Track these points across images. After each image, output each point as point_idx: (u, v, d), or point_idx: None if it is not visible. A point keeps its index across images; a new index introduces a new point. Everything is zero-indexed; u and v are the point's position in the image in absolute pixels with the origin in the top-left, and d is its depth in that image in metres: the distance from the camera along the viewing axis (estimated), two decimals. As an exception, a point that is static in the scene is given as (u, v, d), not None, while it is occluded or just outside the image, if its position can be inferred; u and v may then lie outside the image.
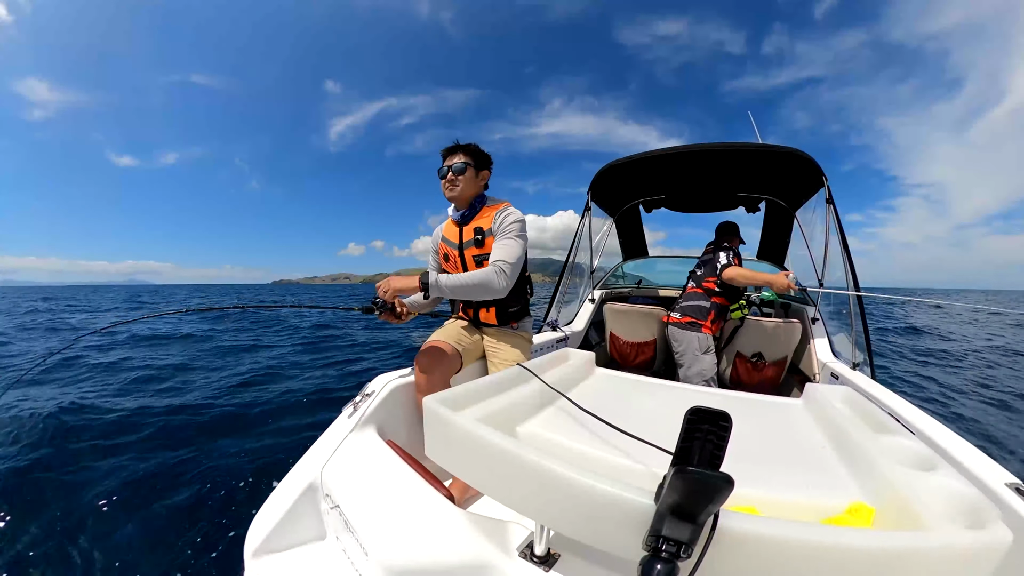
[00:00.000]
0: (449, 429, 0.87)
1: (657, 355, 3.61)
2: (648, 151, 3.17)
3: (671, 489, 0.55)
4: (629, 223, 4.57)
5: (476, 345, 2.10)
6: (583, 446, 0.97)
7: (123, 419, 3.94)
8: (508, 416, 1.07)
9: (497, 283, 1.74)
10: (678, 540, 0.56)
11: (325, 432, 1.49)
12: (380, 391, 1.68)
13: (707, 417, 0.56)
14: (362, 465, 1.31)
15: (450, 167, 1.91)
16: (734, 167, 3.26)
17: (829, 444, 1.06)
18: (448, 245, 2.04)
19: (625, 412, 1.26)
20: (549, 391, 1.23)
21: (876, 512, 0.75)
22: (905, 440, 0.95)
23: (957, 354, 9.33)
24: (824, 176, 2.88)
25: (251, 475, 2.92)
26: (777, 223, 3.99)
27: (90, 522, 2.41)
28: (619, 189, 3.94)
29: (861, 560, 0.56)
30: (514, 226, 1.86)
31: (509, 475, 0.75)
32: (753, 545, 0.58)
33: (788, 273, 2.57)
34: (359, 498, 1.16)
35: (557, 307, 3.57)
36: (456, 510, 1.06)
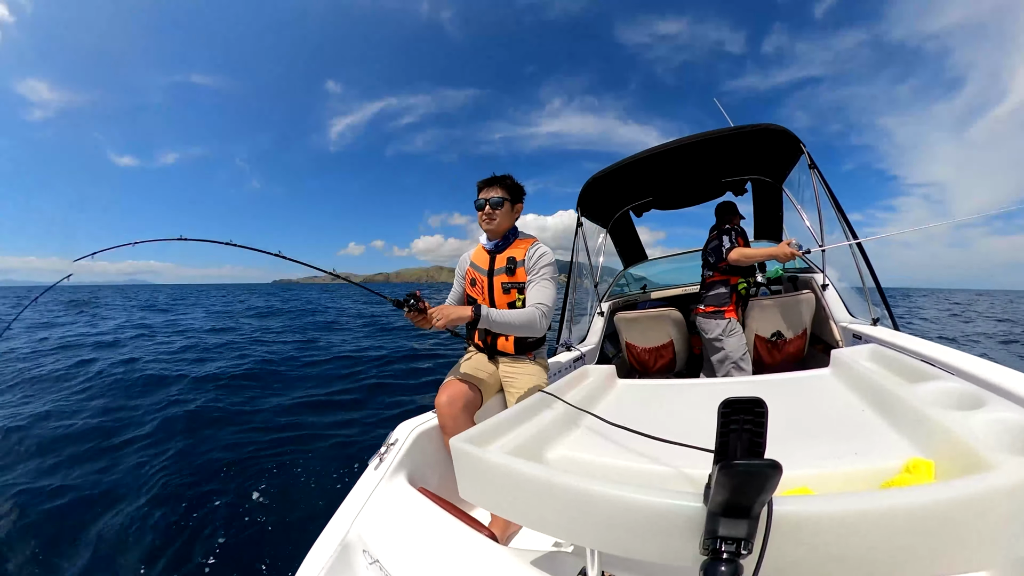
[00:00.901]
0: (480, 467, 0.85)
1: (677, 356, 3.56)
2: (629, 157, 3.22)
3: (719, 487, 0.53)
4: (623, 230, 4.60)
5: (494, 377, 2.09)
6: (619, 461, 0.94)
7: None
8: (537, 444, 1.04)
9: (539, 325, 1.86)
10: (736, 537, 0.54)
11: (355, 487, 1.47)
12: (404, 438, 1.66)
13: (741, 407, 0.55)
14: (397, 516, 1.28)
15: (487, 200, 2.00)
16: (714, 155, 3.31)
17: (868, 406, 1.02)
18: (476, 271, 2.11)
19: (656, 419, 1.23)
20: (575, 412, 1.20)
21: (936, 464, 0.72)
22: (945, 383, 0.92)
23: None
24: (802, 144, 2.92)
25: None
26: (767, 200, 4.01)
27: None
28: (607, 199, 3.99)
29: (933, 516, 0.53)
30: (548, 269, 1.98)
31: (548, 503, 0.73)
32: (814, 526, 0.55)
33: (789, 241, 2.59)
34: (398, 550, 1.13)
35: (568, 327, 3.55)
36: (500, 548, 1.03)
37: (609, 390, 1.58)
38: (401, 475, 1.51)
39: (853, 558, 0.54)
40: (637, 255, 4.87)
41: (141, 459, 3.82)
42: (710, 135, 2.93)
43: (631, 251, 4.82)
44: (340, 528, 1.28)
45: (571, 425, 1.19)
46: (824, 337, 3.16)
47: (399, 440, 1.66)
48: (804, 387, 1.30)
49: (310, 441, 4.25)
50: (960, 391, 0.87)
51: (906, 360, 1.12)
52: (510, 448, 0.96)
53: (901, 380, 1.04)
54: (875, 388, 1.04)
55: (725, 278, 3.01)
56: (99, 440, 4.23)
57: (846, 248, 2.77)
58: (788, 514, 0.55)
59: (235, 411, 5.06)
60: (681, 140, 3.00)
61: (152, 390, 5.89)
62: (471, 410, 1.90)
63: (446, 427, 1.80)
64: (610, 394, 1.54)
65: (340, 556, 1.20)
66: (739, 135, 2.94)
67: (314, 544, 1.26)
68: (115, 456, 3.91)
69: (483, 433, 1.01)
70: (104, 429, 4.49)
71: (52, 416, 4.82)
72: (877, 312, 2.48)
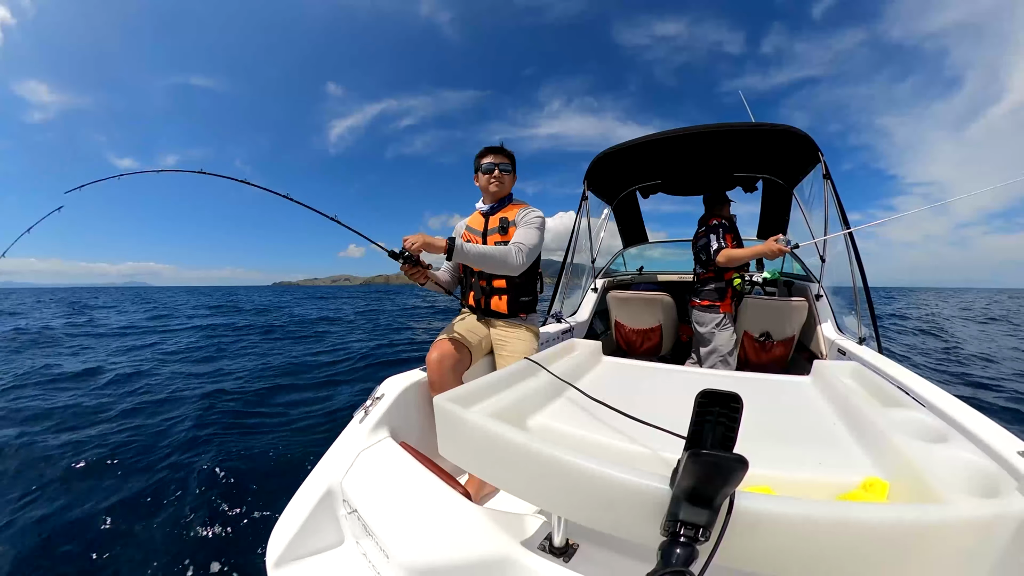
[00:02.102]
0: (461, 427, 0.88)
1: (664, 340, 3.60)
2: (642, 136, 3.14)
3: (686, 473, 0.55)
4: (627, 210, 4.54)
5: (485, 340, 2.12)
6: (595, 435, 0.97)
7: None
8: (519, 410, 1.07)
9: (515, 259, 1.87)
10: (695, 523, 0.56)
11: (338, 438, 1.50)
12: (390, 393, 1.68)
13: (718, 399, 0.57)
14: (377, 468, 1.32)
15: (497, 165, 2.10)
16: (729, 147, 3.24)
17: (840, 420, 1.06)
18: (472, 232, 2.18)
19: (635, 399, 1.26)
20: (558, 383, 1.23)
21: (890, 486, 0.75)
22: (915, 413, 0.95)
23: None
24: (820, 152, 2.85)
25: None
26: (775, 201, 3.95)
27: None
28: (615, 176, 3.92)
29: (878, 534, 0.56)
30: (536, 219, 2.06)
31: (523, 469, 0.76)
32: (770, 524, 0.58)
33: (776, 237, 2.56)
34: (376, 501, 1.17)
35: (560, 298, 3.56)
36: (473, 507, 1.07)
37: (594, 366, 1.61)
38: (384, 429, 1.54)
39: (801, 559, 0.58)
40: (638, 236, 4.84)
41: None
42: (729, 127, 2.86)
43: (633, 231, 4.78)
44: (323, 478, 1.31)
45: (553, 395, 1.23)
46: (810, 346, 3.21)
47: (385, 394, 1.68)
48: (783, 390, 1.33)
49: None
50: (927, 424, 0.90)
51: (883, 384, 1.14)
52: (492, 411, 0.98)
53: (875, 402, 1.07)
54: (850, 404, 1.08)
55: (716, 274, 3.01)
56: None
57: (845, 263, 2.77)
58: (748, 509, 0.58)
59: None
60: (699, 127, 2.91)
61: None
62: (460, 370, 1.94)
63: (433, 384, 1.83)
64: (594, 370, 1.57)
65: (321, 503, 1.24)
66: (758, 132, 2.87)
67: (296, 492, 1.30)
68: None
69: (467, 394, 1.03)
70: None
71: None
72: (865, 332, 2.51)
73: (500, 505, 1.52)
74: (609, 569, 0.86)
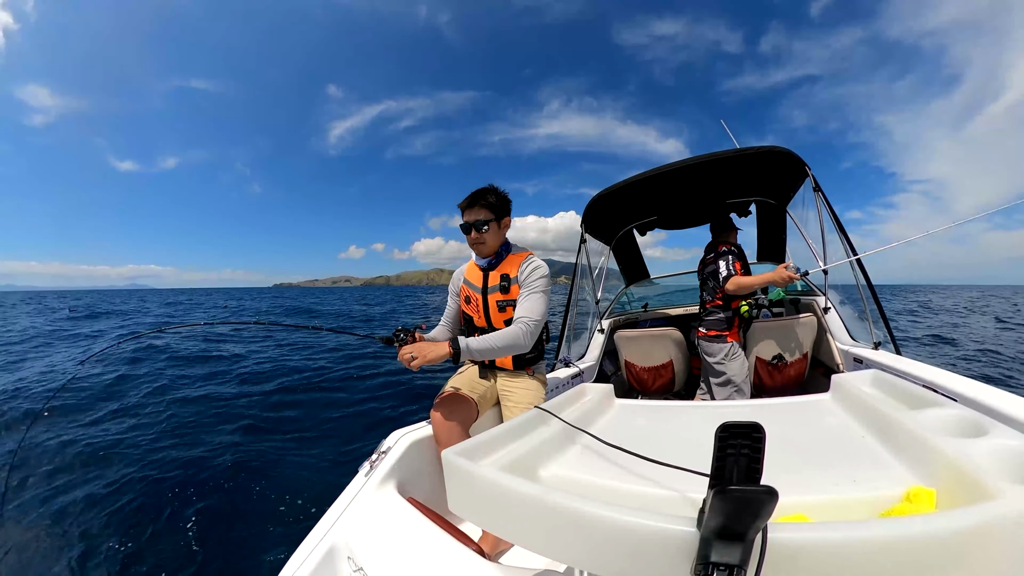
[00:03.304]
0: (471, 481, 0.84)
1: (676, 376, 3.53)
2: (634, 175, 3.23)
3: (713, 512, 0.52)
4: (626, 249, 4.60)
5: (491, 391, 2.07)
6: (613, 481, 0.93)
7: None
8: (531, 461, 1.03)
9: (524, 341, 1.80)
10: (729, 564, 0.53)
11: (343, 493, 1.45)
12: (396, 446, 1.65)
13: (738, 431, 0.54)
14: (384, 524, 1.26)
15: (472, 224, 1.92)
16: (719, 176, 3.32)
17: (868, 432, 1.01)
18: (471, 289, 2.06)
19: (652, 440, 1.22)
20: (571, 430, 1.19)
21: (937, 493, 0.70)
22: (947, 409, 0.91)
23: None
24: (807, 166, 2.93)
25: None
26: (770, 221, 4.01)
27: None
28: (611, 217, 4.00)
29: (932, 547, 0.52)
30: (540, 281, 1.91)
31: (539, 522, 0.72)
32: (809, 554, 0.54)
33: (786, 264, 2.57)
34: (384, 559, 1.11)
35: (567, 343, 3.53)
36: (487, 564, 1.02)
37: (606, 409, 1.56)
38: (391, 484, 1.50)
39: None
40: (639, 273, 4.87)
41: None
42: (715, 156, 2.94)
43: (634, 269, 4.82)
44: (325, 533, 1.26)
45: (566, 443, 1.18)
46: (825, 360, 3.14)
47: (391, 448, 1.64)
48: (804, 412, 1.28)
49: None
50: (962, 418, 0.86)
51: (907, 386, 1.11)
52: (503, 464, 0.94)
53: (902, 406, 1.03)
54: (876, 414, 1.03)
55: (722, 303, 2.97)
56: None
57: (848, 271, 2.76)
58: (783, 541, 0.54)
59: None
60: (686, 161, 3.01)
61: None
62: (466, 423, 1.88)
63: (440, 438, 1.78)
64: (607, 413, 1.53)
65: (324, 561, 1.19)
66: (744, 157, 2.95)
67: (298, 547, 1.25)
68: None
69: (476, 447, 0.99)
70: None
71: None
72: (879, 336, 2.47)
73: (517, 561, 1.46)
74: None
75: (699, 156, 2.98)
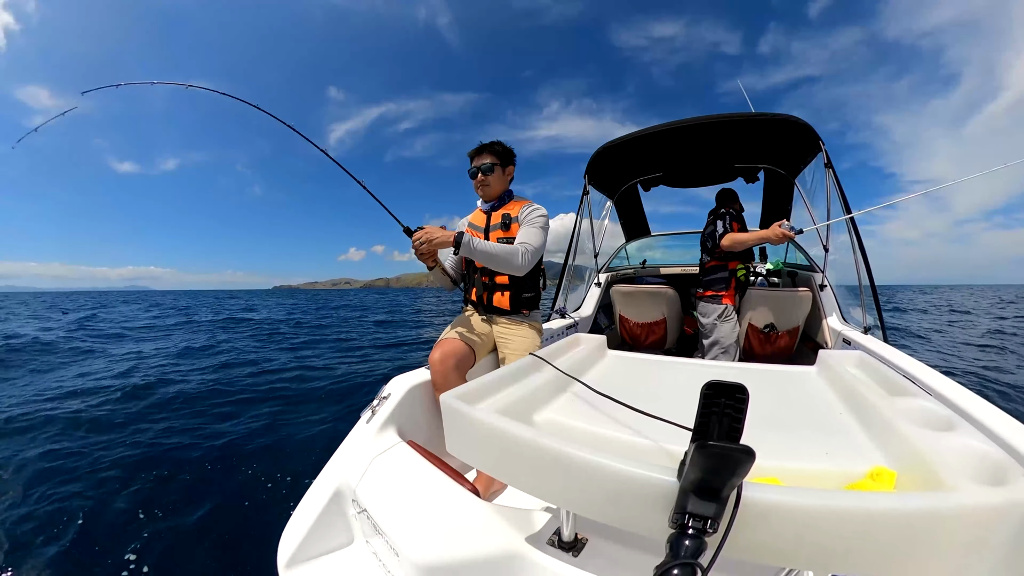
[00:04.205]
0: (467, 424, 0.88)
1: (668, 334, 3.60)
2: (643, 128, 3.13)
3: (693, 465, 0.55)
4: (629, 203, 4.52)
5: (488, 337, 2.12)
6: (602, 429, 0.98)
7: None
8: (525, 406, 1.08)
9: (520, 260, 1.88)
10: (704, 515, 0.56)
11: (346, 438, 1.51)
12: (396, 393, 1.69)
13: (723, 391, 0.57)
14: (385, 468, 1.32)
15: (479, 168, 2.06)
16: (729, 138, 3.23)
17: (846, 410, 1.06)
18: (473, 229, 2.16)
19: (641, 392, 1.26)
20: (564, 378, 1.23)
21: (898, 475, 0.75)
22: (922, 401, 0.95)
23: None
24: (821, 141, 2.84)
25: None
26: (777, 192, 3.93)
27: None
28: (616, 170, 3.90)
29: (885, 523, 0.56)
30: (540, 219, 2.03)
31: (531, 464, 0.76)
32: (777, 515, 0.58)
33: (780, 223, 2.55)
34: (385, 500, 1.17)
35: (564, 293, 3.56)
36: (482, 503, 1.07)
37: (599, 360, 1.61)
38: (391, 428, 1.55)
39: (809, 549, 0.58)
40: (640, 229, 4.82)
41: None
42: (728, 117, 2.85)
43: (635, 225, 4.76)
44: (331, 478, 1.32)
45: (559, 390, 1.23)
46: (815, 336, 3.21)
47: (391, 394, 1.69)
48: (789, 381, 1.33)
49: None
50: (934, 412, 0.89)
51: (889, 373, 1.14)
52: (498, 408, 0.98)
53: (882, 391, 1.07)
54: (856, 394, 1.07)
55: (723, 263, 3.01)
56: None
57: (849, 253, 2.75)
58: (756, 500, 0.58)
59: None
60: (698, 119, 2.91)
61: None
62: (463, 368, 1.93)
63: (438, 383, 1.83)
64: (599, 364, 1.57)
65: (330, 504, 1.25)
66: (758, 122, 2.86)
67: (306, 492, 1.31)
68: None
69: (473, 391, 1.03)
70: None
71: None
72: (870, 321, 2.51)
73: (509, 501, 1.53)
74: (618, 562, 0.87)
75: (711, 115, 2.89)
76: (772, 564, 0.60)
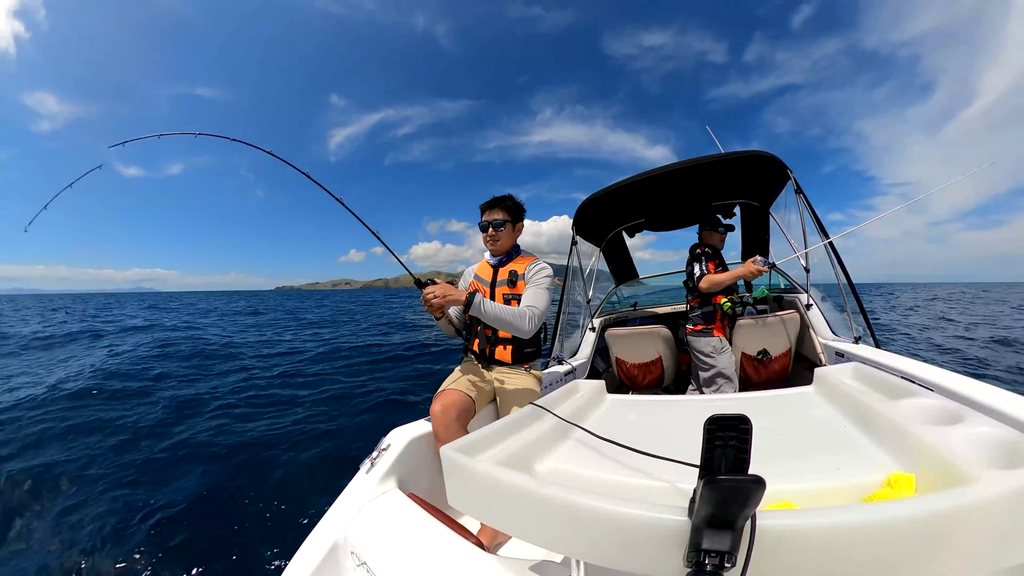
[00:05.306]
0: (469, 476, 0.85)
1: (665, 372, 3.58)
2: (623, 179, 3.31)
3: (703, 501, 0.54)
4: (616, 250, 4.68)
5: (488, 387, 2.11)
6: (606, 474, 0.95)
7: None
8: (527, 455, 1.05)
9: (527, 325, 1.93)
10: (719, 550, 0.55)
11: (345, 489, 1.47)
12: (396, 444, 1.67)
13: (726, 423, 0.56)
14: (386, 520, 1.28)
15: (490, 223, 2.14)
16: (704, 179, 3.40)
17: (851, 422, 1.04)
18: (480, 282, 2.22)
19: (643, 433, 1.24)
20: (565, 425, 1.21)
21: (916, 478, 0.73)
22: (925, 399, 0.94)
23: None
24: (788, 170, 3.01)
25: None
26: (754, 223, 4.11)
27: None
28: (601, 220, 4.08)
29: (911, 529, 0.54)
30: (545, 280, 2.09)
31: (535, 514, 0.73)
32: (796, 539, 0.56)
33: (754, 259, 2.65)
34: (386, 553, 1.13)
35: (560, 341, 3.58)
36: (487, 556, 1.03)
37: (599, 404, 1.59)
38: (391, 480, 1.52)
39: (834, 571, 0.55)
40: (629, 273, 4.94)
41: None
42: (700, 161, 3.01)
43: (623, 269, 4.89)
44: (329, 530, 1.28)
45: (561, 438, 1.20)
46: (808, 355, 3.22)
47: (391, 445, 1.67)
48: (788, 404, 1.32)
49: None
50: (939, 407, 0.89)
51: (887, 377, 1.14)
52: (500, 458, 0.96)
53: (882, 397, 1.06)
54: (857, 405, 1.06)
55: (706, 299, 3.09)
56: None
57: (829, 268, 2.83)
58: (771, 528, 0.56)
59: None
60: (673, 165, 3.09)
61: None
62: (464, 419, 1.91)
63: (439, 435, 1.81)
64: (599, 408, 1.55)
65: (328, 557, 1.20)
66: (728, 161, 3.02)
67: (303, 544, 1.26)
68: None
69: (474, 443, 1.01)
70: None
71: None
72: (859, 330, 2.54)
73: (515, 552, 1.48)
74: None
75: (685, 160, 3.06)
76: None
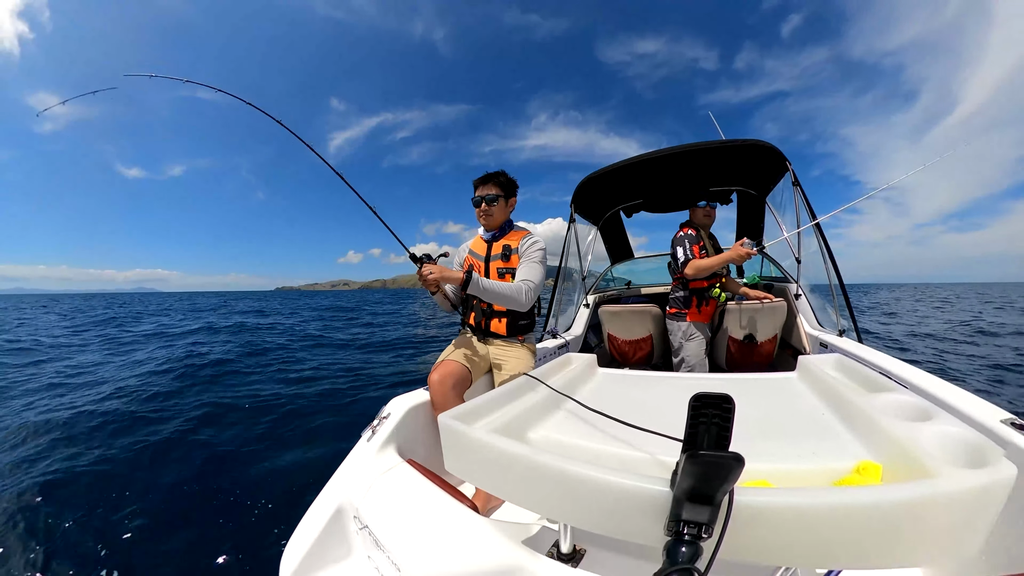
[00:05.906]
0: (465, 442, 0.89)
1: (655, 349, 3.66)
2: (623, 160, 3.29)
3: (685, 474, 0.57)
4: (612, 229, 4.69)
5: (484, 359, 2.16)
6: (595, 444, 0.99)
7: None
8: (520, 424, 1.09)
9: (524, 298, 1.97)
10: (698, 522, 0.58)
11: (348, 457, 1.52)
12: (396, 413, 1.72)
13: (710, 401, 0.59)
14: (386, 485, 1.33)
15: (483, 198, 2.13)
16: (703, 164, 3.39)
17: (828, 410, 1.09)
18: (475, 257, 2.23)
19: (631, 407, 1.28)
20: (557, 396, 1.25)
21: (883, 468, 0.77)
22: (899, 395, 0.99)
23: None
24: (787, 161, 3.00)
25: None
26: (750, 211, 4.12)
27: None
28: (600, 198, 4.07)
29: (875, 515, 0.57)
30: (538, 253, 2.12)
31: (527, 480, 0.77)
32: (770, 516, 0.60)
33: (742, 241, 2.59)
34: (386, 516, 1.18)
35: (555, 315, 3.64)
36: (481, 519, 1.08)
37: (590, 377, 1.63)
38: (391, 447, 1.56)
39: (803, 547, 0.59)
40: (624, 253, 4.96)
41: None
42: (701, 146, 2.99)
43: (619, 249, 4.91)
44: (334, 495, 1.32)
45: (553, 408, 1.24)
46: (793, 343, 3.29)
47: (391, 414, 1.71)
48: (771, 388, 1.36)
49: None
50: (912, 404, 0.93)
51: (866, 371, 1.18)
52: (495, 427, 1.00)
53: (860, 389, 1.11)
54: (836, 394, 1.11)
55: (681, 283, 3.04)
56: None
57: (820, 263, 2.86)
58: (747, 504, 0.59)
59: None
60: (674, 148, 3.07)
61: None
62: (461, 389, 1.96)
63: (436, 404, 1.86)
64: (591, 381, 1.59)
65: (332, 521, 1.25)
66: (729, 148, 3.01)
67: (308, 510, 1.30)
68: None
69: (470, 411, 1.05)
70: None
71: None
72: (844, 324, 2.59)
73: (507, 516, 1.54)
74: (617, 571, 0.87)
75: (686, 144, 3.03)
76: (767, 564, 0.62)
